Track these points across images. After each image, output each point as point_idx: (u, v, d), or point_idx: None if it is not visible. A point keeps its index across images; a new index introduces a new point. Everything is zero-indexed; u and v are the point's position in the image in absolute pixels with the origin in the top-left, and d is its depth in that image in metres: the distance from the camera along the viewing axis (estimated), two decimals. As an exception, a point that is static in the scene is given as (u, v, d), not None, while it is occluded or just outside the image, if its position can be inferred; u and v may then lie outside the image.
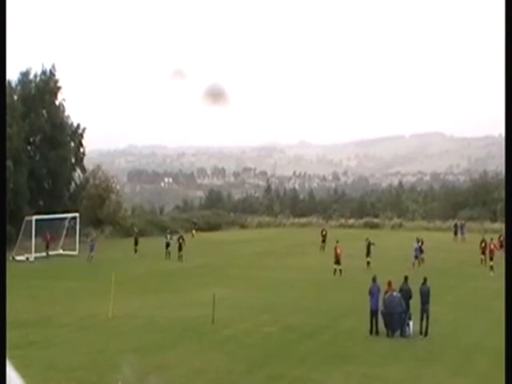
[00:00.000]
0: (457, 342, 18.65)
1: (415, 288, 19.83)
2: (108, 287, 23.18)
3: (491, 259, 33.02)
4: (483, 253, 35.70)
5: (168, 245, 41.42)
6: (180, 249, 39.83)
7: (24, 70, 52.19)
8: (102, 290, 26.11)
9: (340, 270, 32.52)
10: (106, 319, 21.45)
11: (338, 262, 33.01)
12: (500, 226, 62.90)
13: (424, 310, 19.24)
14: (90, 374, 14.84)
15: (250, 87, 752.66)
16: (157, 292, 27.96)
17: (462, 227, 56.37)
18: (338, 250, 33.55)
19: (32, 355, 16.39)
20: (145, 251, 47.62)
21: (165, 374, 14.92)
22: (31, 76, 52.18)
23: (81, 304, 24.81)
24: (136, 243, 43.17)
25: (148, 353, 16.92)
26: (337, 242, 36.00)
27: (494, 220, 72.22)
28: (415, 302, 19.62)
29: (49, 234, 42.46)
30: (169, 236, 42.57)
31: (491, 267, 32.24)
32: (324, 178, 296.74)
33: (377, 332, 19.24)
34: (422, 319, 19.18)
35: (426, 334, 19.01)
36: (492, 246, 34.24)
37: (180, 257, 39.47)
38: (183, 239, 40.83)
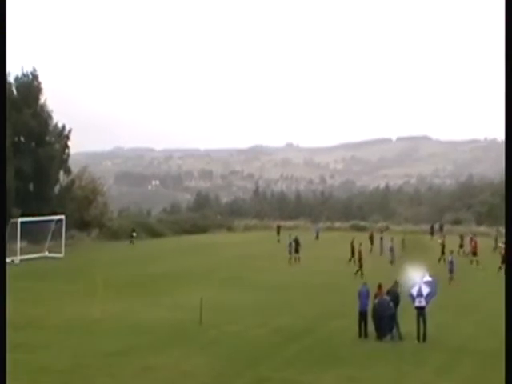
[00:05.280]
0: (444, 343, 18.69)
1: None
2: (94, 289, 23.07)
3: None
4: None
5: None
6: None
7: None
8: (89, 292, 25.96)
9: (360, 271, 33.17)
10: (92, 321, 21.29)
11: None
12: (485, 229, 63.34)
13: (420, 315, 18.84)
14: (77, 377, 14.71)
15: (237, 90, 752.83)
16: (144, 294, 27.80)
17: (441, 228, 60.25)
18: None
19: (19, 358, 16.22)
20: (132, 253, 47.49)
21: (152, 376, 14.83)
22: (12, 77, 51.85)
23: (68, 306, 24.61)
24: None
25: (135, 355, 16.81)
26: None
27: (479, 223, 72.68)
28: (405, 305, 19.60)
29: None
30: None
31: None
32: (311, 181, 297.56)
33: (366, 335, 19.21)
34: (418, 324, 18.80)
35: (424, 339, 18.63)
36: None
37: None
38: None
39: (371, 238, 47.01)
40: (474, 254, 38.16)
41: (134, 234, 54.14)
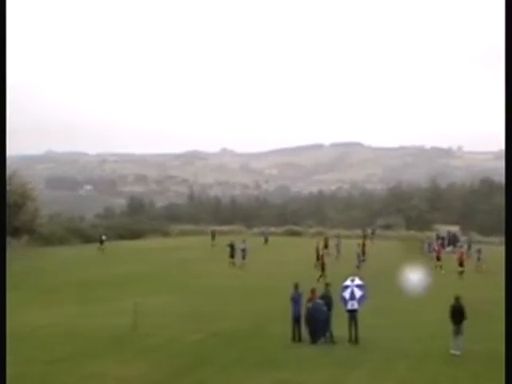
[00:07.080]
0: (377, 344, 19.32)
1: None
2: (28, 297, 22.65)
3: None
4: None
5: None
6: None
7: None
8: (22, 300, 25.42)
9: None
10: (30, 329, 20.90)
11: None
12: (415, 233, 65.48)
13: (352, 317, 19.33)
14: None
15: (173, 96, 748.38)
16: (81, 301, 27.43)
17: (372, 232, 64.14)
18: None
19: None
20: (66, 260, 46.64)
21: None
22: None
23: None
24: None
25: (72, 363, 16.66)
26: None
27: (409, 227, 75.02)
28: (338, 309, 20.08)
29: None
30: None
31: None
32: (246, 186, 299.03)
33: (300, 339, 19.59)
34: (350, 326, 19.32)
35: (356, 341, 19.16)
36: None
37: None
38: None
39: (326, 243, 48.04)
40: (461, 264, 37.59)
41: (104, 238, 52.90)
